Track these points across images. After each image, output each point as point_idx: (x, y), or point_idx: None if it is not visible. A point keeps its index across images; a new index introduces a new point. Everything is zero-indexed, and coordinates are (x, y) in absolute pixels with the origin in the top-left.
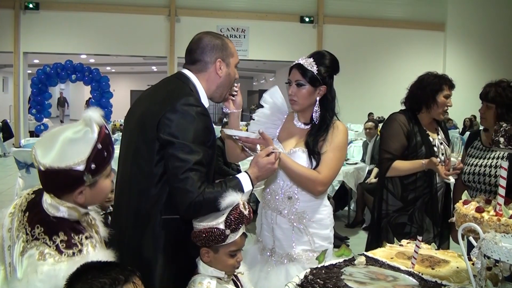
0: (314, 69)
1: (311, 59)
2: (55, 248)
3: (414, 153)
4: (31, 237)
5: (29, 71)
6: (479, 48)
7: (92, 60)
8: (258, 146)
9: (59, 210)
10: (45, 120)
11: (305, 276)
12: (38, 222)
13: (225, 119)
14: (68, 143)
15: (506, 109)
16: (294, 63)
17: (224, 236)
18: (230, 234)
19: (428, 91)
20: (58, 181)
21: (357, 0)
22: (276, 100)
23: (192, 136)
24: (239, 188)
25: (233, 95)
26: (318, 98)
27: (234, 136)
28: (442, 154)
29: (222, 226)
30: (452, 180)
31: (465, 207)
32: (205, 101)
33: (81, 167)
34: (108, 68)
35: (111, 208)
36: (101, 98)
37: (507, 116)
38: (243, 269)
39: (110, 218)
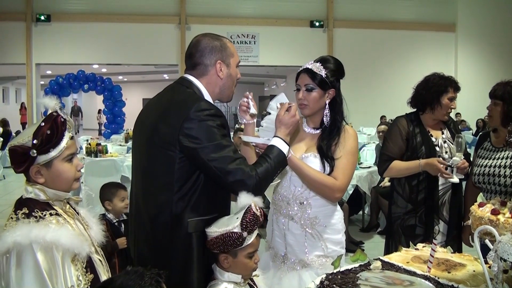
0: (323, 72)
1: (319, 63)
2: (15, 219)
3: (414, 154)
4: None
5: (42, 82)
6: (490, 48)
7: (104, 70)
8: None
9: (27, 191)
10: None
11: (321, 282)
12: (13, 206)
13: (237, 125)
14: (27, 129)
15: None
16: (300, 68)
17: (242, 239)
18: (247, 237)
19: (433, 92)
20: (13, 158)
21: (367, 3)
22: None
23: (216, 135)
24: (279, 152)
25: (248, 107)
26: (327, 102)
27: (252, 142)
28: (446, 152)
29: (238, 230)
30: (456, 179)
31: (481, 210)
32: None
33: (28, 144)
34: (120, 77)
35: (124, 216)
36: (113, 107)
37: None
38: (258, 271)
39: (123, 226)
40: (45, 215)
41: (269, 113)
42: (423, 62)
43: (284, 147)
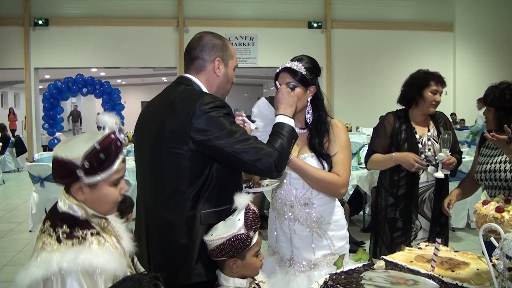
0: (303, 70)
1: (297, 62)
2: (56, 238)
3: (397, 150)
4: (41, 232)
5: (41, 86)
6: (488, 47)
7: (102, 73)
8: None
9: (66, 205)
10: (57, 134)
11: (325, 282)
12: (48, 218)
13: None
14: (79, 140)
15: (504, 113)
16: (278, 69)
17: (250, 239)
18: (253, 236)
19: (415, 87)
20: (58, 169)
21: (365, 4)
22: (265, 111)
23: (225, 123)
24: (287, 125)
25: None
26: (309, 99)
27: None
28: (429, 149)
29: (243, 230)
30: (441, 175)
31: (485, 208)
32: None
33: (77, 162)
34: (119, 80)
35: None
36: (112, 110)
37: (506, 120)
38: (262, 277)
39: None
40: (86, 234)
41: (254, 121)
42: (421, 62)
43: (288, 120)
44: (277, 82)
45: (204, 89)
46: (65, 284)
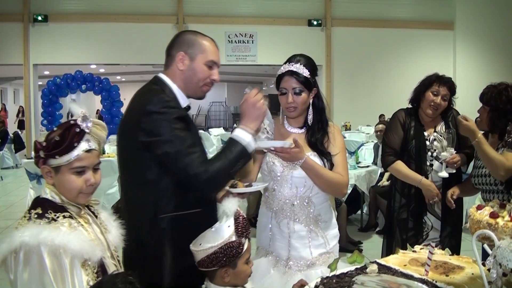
0: (307, 73)
1: (299, 64)
2: (27, 219)
3: (405, 145)
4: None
5: (40, 83)
6: (489, 46)
7: (102, 70)
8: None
9: (47, 192)
10: None
11: (316, 286)
12: (30, 204)
13: (235, 125)
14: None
15: (497, 113)
16: (282, 71)
17: (242, 246)
18: (244, 242)
19: (420, 86)
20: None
21: (365, 2)
22: None
23: (169, 128)
24: (236, 145)
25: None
26: (310, 101)
27: (270, 147)
28: (434, 150)
29: (235, 238)
30: (445, 174)
31: (479, 213)
32: (183, 100)
33: (42, 143)
34: (118, 77)
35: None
36: (111, 107)
37: (498, 121)
38: (250, 284)
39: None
40: (58, 217)
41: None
42: (422, 60)
43: (244, 137)
44: (264, 87)
45: (175, 88)
46: (29, 258)
